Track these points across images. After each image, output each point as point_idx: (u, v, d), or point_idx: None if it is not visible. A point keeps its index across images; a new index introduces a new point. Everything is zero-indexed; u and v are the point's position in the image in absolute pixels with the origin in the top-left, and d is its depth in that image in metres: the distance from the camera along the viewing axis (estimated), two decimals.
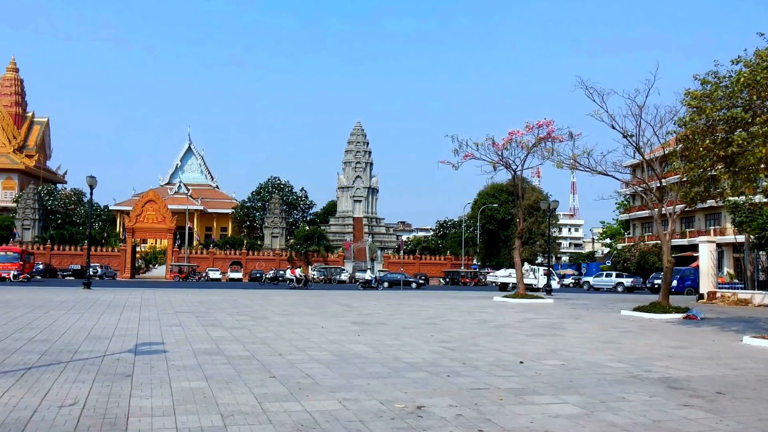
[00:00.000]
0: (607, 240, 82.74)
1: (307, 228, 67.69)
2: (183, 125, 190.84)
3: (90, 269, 30.47)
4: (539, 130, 23.02)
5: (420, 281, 47.89)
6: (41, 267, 49.31)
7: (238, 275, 54.55)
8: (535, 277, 36.83)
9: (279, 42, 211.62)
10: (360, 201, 75.75)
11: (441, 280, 57.36)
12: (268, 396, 5.65)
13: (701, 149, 13.25)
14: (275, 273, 47.91)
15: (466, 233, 63.10)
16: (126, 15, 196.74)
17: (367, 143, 77.74)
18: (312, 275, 38.29)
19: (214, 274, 53.55)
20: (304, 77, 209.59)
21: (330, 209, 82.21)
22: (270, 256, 61.52)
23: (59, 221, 67.02)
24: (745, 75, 11.94)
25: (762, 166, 12.83)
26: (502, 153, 24.11)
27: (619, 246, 62.92)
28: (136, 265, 59.40)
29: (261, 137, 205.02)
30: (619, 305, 21.37)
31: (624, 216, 67.28)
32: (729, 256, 45.31)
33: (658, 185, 19.89)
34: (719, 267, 38.40)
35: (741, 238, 28.54)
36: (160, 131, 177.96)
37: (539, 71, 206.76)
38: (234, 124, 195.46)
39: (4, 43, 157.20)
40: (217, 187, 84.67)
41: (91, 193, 28.88)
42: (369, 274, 41.34)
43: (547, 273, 33.96)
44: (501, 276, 38.85)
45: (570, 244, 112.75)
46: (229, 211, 77.37)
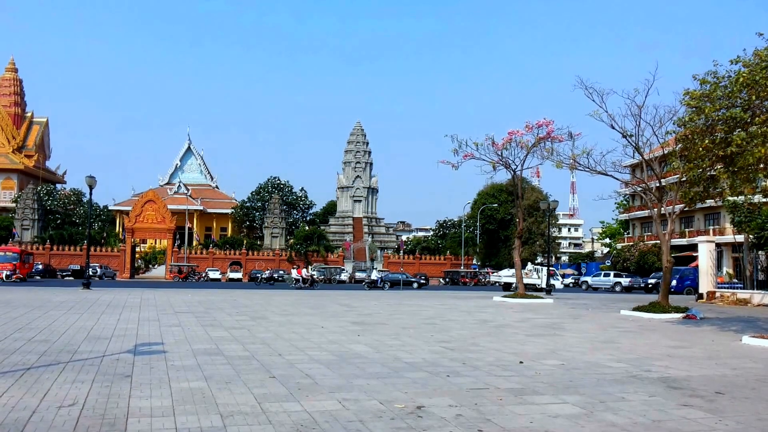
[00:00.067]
0: (607, 240, 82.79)
1: (307, 228, 67.69)
2: (182, 125, 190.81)
3: (89, 269, 30.44)
4: (539, 130, 23.04)
5: (421, 281, 47.84)
6: (40, 267, 49.29)
7: (237, 275, 54.52)
8: (539, 277, 36.74)
9: (278, 42, 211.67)
10: (360, 201, 75.77)
11: (441, 280, 57.35)
12: (267, 396, 5.65)
13: (700, 149, 13.27)
14: (271, 273, 47.74)
15: (465, 233, 63.12)
16: (125, 15, 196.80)
17: (367, 143, 77.78)
18: (312, 275, 38.23)
19: (213, 274, 53.54)
20: (303, 77, 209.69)
21: (330, 209, 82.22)
22: (270, 256, 61.50)
23: (58, 221, 66.97)
24: (744, 75, 11.96)
25: (761, 166, 12.85)
26: (501, 153, 24.15)
27: (619, 246, 62.98)
28: (135, 266, 59.37)
29: (261, 137, 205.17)
30: (619, 305, 21.39)
31: (623, 216, 67.35)
32: (728, 255, 45.37)
33: (657, 185, 19.92)
34: (718, 267, 38.44)
35: (740, 237, 28.59)
36: (159, 131, 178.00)
37: (539, 71, 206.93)
38: (233, 124, 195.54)
39: (2, 43, 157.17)
40: (217, 187, 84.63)
41: (91, 193, 28.87)
42: (375, 273, 41.22)
43: (550, 273, 33.87)
44: (505, 276, 38.77)
45: (570, 243, 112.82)
46: (229, 211, 77.34)
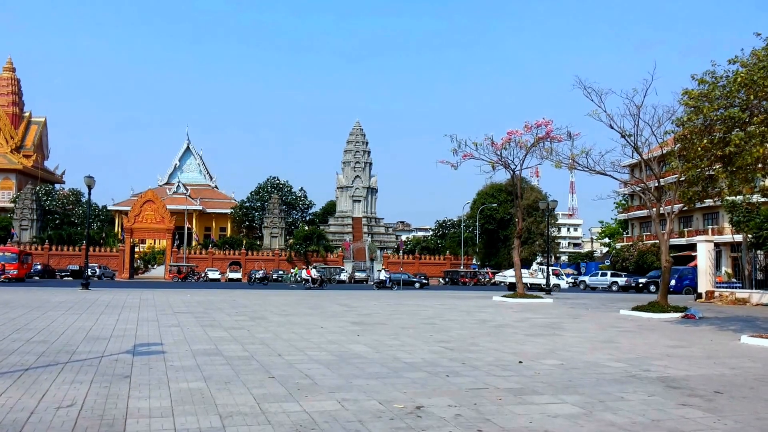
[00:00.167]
0: (606, 239, 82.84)
1: (307, 228, 67.65)
2: (182, 125, 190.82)
3: (88, 269, 30.42)
4: (538, 129, 23.04)
5: (423, 281, 47.87)
6: (39, 267, 49.26)
7: (237, 275, 54.49)
8: (544, 277, 36.76)
9: (278, 41, 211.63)
10: (359, 201, 75.75)
11: (440, 279, 57.35)
12: (266, 396, 5.64)
13: (699, 149, 13.29)
14: (265, 273, 47.71)
15: (465, 233, 63.12)
16: (124, 13, 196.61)
17: (367, 143, 77.76)
18: (320, 275, 38.13)
19: (213, 274, 53.52)
20: (303, 76, 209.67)
21: (329, 209, 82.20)
22: (269, 256, 61.47)
23: (57, 221, 66.88)
24: (742, 75, 11.98)
25: (759, 165, 12.87)
26: (500, 153, 24.16)
27: (618, 245, 62.99)
28: (134, 266, 59.32)
29: (260, 137, 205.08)
30: (618, 305, 21.40)
31: (622, 216, 67.39)
32: (727, 255, 45.35)
33: (656, 185, 19.93)
34: (717, 266, 38.42)
35: (739, 237, 28.59)
36: (158, 131, 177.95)
37: (539, 70, 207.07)
38: (233, 123, 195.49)
39: (1, 43, 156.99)
40: (216, 187, 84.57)
41: (89, 193, 28.85)
42: (384, 274, 41.13)
43: (555, 273, 33.82)
44: (510, 276, 38.73)
45: (569, 243, 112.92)
46: (228, 211, 77.29)
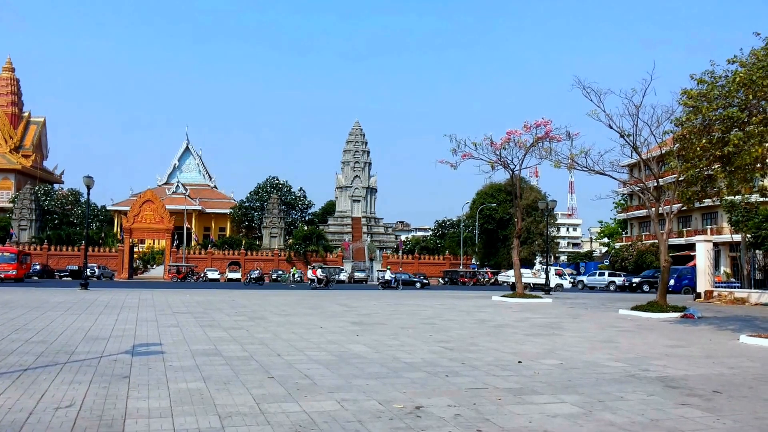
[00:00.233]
0: (605, 239, 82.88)
1: (306, 228, 67.63)
2: (181, 125, 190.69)
3: (87, 270, 30.38)
4: (537, 129, 23.06)
5: (424, 281, 47.94)
6: (38, 268, 49.21)
7: (236, 275, 54.45)
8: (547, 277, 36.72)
9: (278, 41, 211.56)
10: (358, 201, 75.75)
11: (440, 279, 57.37)
12: (266, 397, 5.64)
13: (698, 149, 13.30)
14: (260, 273, 47.58)
15: (464, 233, 63.14)
16: (124, 13, 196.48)
17: (366, 143, 77.75)
18: (326, 275, 37.97)
19: (212, 274, 53.46)
20: (302, 76, 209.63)
21: (328, 209, 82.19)
22: (268, 256, 61.43)
23: (56, 221, 66.81)
24: (741, 74, 11.98)
25: (758, 165, 12.88)
26: (500, 153, 24.18)
27: (617, 245, 63.05)
28: (133, 266, 59.25)
29: (260, 137, 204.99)
30: (617, 304, 21.41)
31: (621, 215, 67.43)
32: (725, 255, 45.42)
33: (655, 185, 19.95)
34: (716, 266, 38.50)
35: (737, 237, 28.63)
36: (158, 131, 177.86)
37: (540, 70, 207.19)
38: (232, 123, 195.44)
39: (0, 43, 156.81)
40: (215, 187, 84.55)
41: (88, 193, 28.83)
42: (389, 273, 41.03)
43: (556, 273, 33.84)
44: (512, 276, 38.74)
45: (568, 243, 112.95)
46: (228, 211, 77.26)
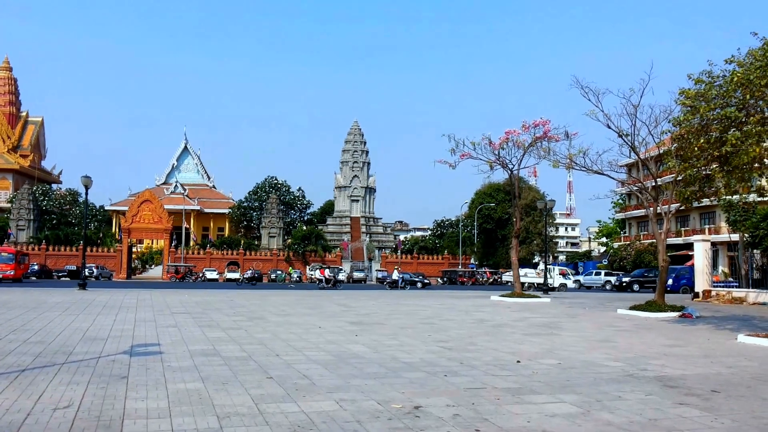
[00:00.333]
0: (604, 239, 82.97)
1: (305, 228, 67.60)
2: (179, 124, 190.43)
3: (86, 270, 30.37)
4: (535, 129, 23.09)
5: (425, 281, 47.98)
6: (36, 268, 49.13)
7: (235, 275, 54.38)
8: (551, 276, 36.72)
9: (277, 40, 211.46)
10: (357, 200, 75.74)
11: (438, 279, 57.39)
12: (264, 397, 5.64)
13: (696, 148, 13.32)
14: (253, 273, 47.40)
15: (463, 233, 63.18)
16: (122, 13, 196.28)
17: (365, 143, 77.74)
18: (333, 275, 37.92)
19: (211, 274, 53.42)
20: (301, 76, 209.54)
21: (327, 209, 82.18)
22: (267, 256, 61.39)
23: (54, 222, 66.69)
24: (739, 74, 12.00)
25: (755, 165, 12.91)
26: (498, 152, 24.21)
27: (615, 245, 63.14)
28: (132, 266, 59.16)
29: (258, 136, 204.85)
30: (615, 304, 21.43)
31: (620, 215, 67.52)
32: (724, 254, 45.51)
33: (653, 184, 19.98)
34: (714, 265, 38.54)
35: (735, 236, 28.66)
36: (156, 130, 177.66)
37: (539, 69, 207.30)
38: (231, 123, 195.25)
39: None
40: (214, 187, 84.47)
41: (87, 193, 28.80)
42: (396, 273, 40.88)
43: (560, 273, 33.86)
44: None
45: (567, 243, 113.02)
46: (226, 211, 77.19)
